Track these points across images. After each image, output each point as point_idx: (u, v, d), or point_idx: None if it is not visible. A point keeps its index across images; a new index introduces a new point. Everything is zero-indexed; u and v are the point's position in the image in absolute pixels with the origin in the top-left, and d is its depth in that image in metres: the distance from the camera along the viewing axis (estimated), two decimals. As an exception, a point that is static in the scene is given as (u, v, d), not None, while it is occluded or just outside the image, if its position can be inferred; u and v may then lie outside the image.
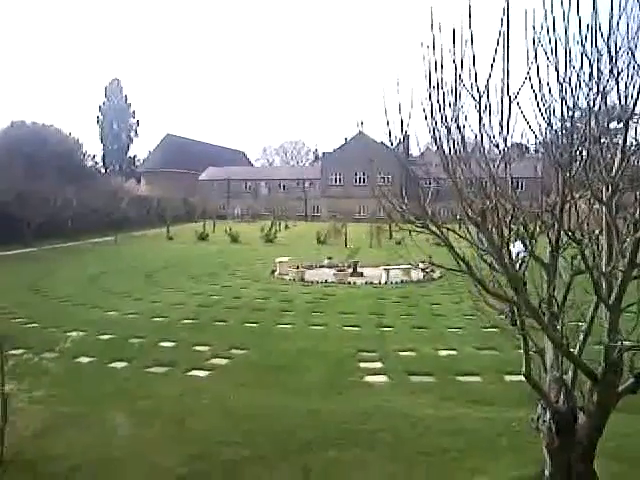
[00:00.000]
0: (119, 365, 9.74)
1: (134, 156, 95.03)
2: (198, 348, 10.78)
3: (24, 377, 6.07)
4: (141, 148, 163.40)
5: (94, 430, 6.81)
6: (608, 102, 3.85)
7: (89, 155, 65.20)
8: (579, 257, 4.09)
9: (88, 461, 6.00)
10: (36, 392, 6.03)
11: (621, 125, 3.89)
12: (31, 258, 28.62)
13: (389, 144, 4.10)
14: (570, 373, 4.39)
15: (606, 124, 3.98)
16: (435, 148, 4.04)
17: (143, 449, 6.31)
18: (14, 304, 15.20)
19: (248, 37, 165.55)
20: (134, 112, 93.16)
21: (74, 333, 10.63)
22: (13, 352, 7.28)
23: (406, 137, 4.14)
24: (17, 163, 37.37)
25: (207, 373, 9.35)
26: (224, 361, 10.00)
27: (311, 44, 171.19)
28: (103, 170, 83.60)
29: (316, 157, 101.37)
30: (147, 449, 6.31)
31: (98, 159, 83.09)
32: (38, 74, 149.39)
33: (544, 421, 4.46)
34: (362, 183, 68.03)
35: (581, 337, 4.30)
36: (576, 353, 4.23)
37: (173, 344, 11.14)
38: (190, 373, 9.31)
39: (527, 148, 5.50)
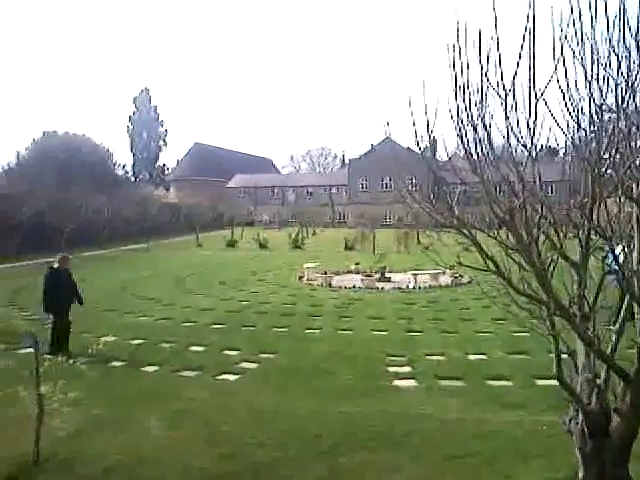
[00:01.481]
0: (150, 369, 9.87)
1: (163, 164, 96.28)
2: (227, 352, 10.87)
3: (59, 379, 6.21)
4: (170, 157, 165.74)
5: (127, 432, 6.92)
6: (638, 101, 3.81)
7: (119, 164, 66.42)
8: (610, 256, 4.04)
9: (122, 462, 6.10)
10: (70, 394, 6.16)
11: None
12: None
13: (416, 148, 4.10)
14: (602, 374, 4.33)
15: (637, 125, 3.92)
16: (462, 150, 4.04)
17: (175, 450, 6.40)
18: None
19: (275, 44, 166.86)
20: (163, 121, 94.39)
21: (106, 338, 10.84)
22: (48, 356, 7.46)
23: (433, 141, 4.14)
24: (50, 172, 38.34)
25: (236, 377, 9.42)
26: (253, 365, 10.07)
27: (337, 50, 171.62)
28: (133, 179, 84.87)
29: (343, 163, 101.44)
30: (179, 450, 6.40)
31: (128, 168, 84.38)
32: (70, 85, 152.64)
33: (577, 423, 4.40)
34: (389, 189, 67.80)
35: (613, 337, 4.24)
36: (608, 354, 4.17)
37: (203, 348, 11.26)
38: (220, 377, 9.39)
39: (556, 151, 5.46)
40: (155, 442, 6.61)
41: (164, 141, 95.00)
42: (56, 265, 11.79)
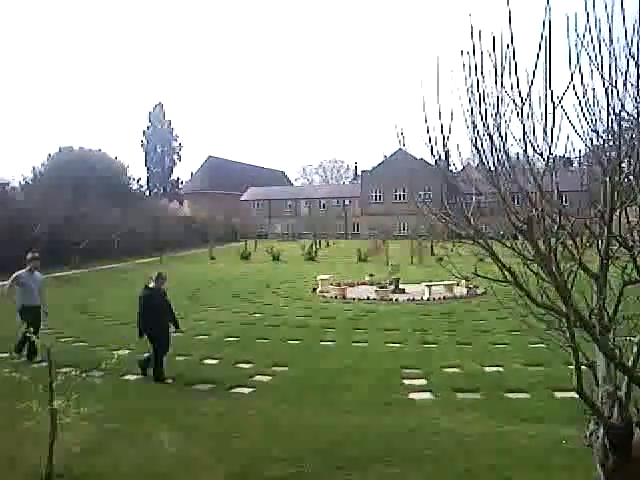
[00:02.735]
0: (164, 383, 9.83)
1: (177, 178, 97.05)
2: (241, 365, 10.82)
3: (72, 394, 6.18)
4: (184, 170, 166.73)
5: (140, 446, 6.87)
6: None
7: (134, 178, 66.82)
8: (630, 266, 3.95)
9: (135, 477, 6.06)
10: (84, 408, 6.12)
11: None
12: (78, 279, 29.31)
13: (430, 158, 4.05)
14: (624, 387, 4.22)
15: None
16: (477, 159, 3.98)
17: (189, 465, 6.34)
18: (62, 324, 15.55)
19: (288, 57, 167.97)
20: (177, 136, 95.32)
21: (120, 351, 10.82)
22: (62, 370, 7.45)
23: (447, 152, 4.09)
24: (65, 187, 38.63)
25: (250, 390, 9.36)
26: (267, 378, 10.01)
27: (351, 62, 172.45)
28: (148, 193, 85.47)
29: (355, 175, 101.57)
30: (193, 465, 6.34)
31: (143, 182, 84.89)
32: (86, 100, 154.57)
33: (597, 437, 4.28)
34: (402, 200, 67.78)
35: (635, 349, 4.14)
36: (630, 365, 4.07)
37: (217, 361, 11.21)
38: (233, 390, 9.33)
39: (570, 161, 5.38)
40: (168, 457, 6.56)
41: (178, 155, 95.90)
42: (152, 284, 10.72)
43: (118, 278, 29.81)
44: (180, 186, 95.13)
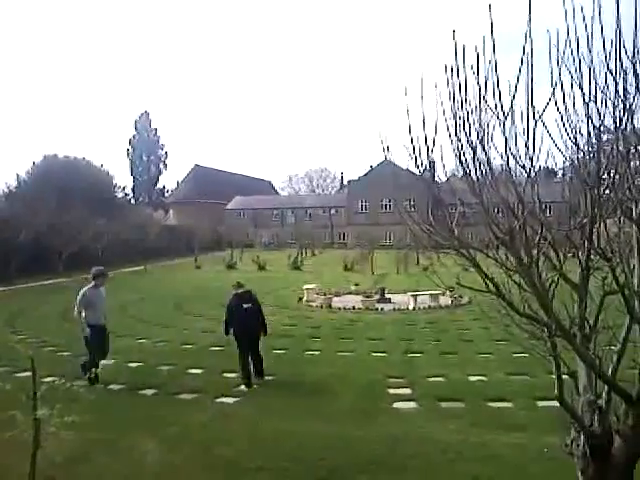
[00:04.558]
0: (149, 392, 9.80)
1: (163, 187, 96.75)
2: (226, 375, 10.79)
3: (56, 403, 6.14)
4: (170, 179, 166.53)
5: (124, 456, 6.84)
6: (636, 122, 3.83)
7: (119, 187, 66.54)
8: (610, 277, 4.03)
9: (118, 487, 6.02)
10: (68, 418, 6.08)
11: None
12: (63, 288, 29.04)
13: (415, 170, 4.11)
14: (604, 395, 4.29)
15: (635, 146, 3.94)
16: (461, 171, 4.05)
17: (173, 475, 6.32)
18: (46, 332, 15.44)
19: (272, 66, 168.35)
20: (163, 144, 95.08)
21: (105, 361, 10.76)
22: (46, 379, 7.39)
23: (432, 162, 4.15)
24: (50, 196, 38.31)
25: (235, 399, 9.35)
26: (252, 387, 9.99)
27: (337, 72, 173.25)
28: (133, 201, 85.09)
29: (342, 184, 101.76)
30: (177, 475, 6.33)
31: (128, 190, 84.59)
32: (71, 109, 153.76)
33: (578, 445, 4.34)
34: (388, 210, 67.96)
35: (614, 358, 4.21)
36: (610, 375, 4.14)
37: (201, 371, 11.18)
38: (218, 399, 9.31)
39: (555, 172, 5.47)
40: (153, 467, 6.54)
41: (164, 164, 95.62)
42: (240, 290, 10.84)
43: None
44: (166, 195, 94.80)
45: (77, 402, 7.57)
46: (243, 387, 9.99)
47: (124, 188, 70.66)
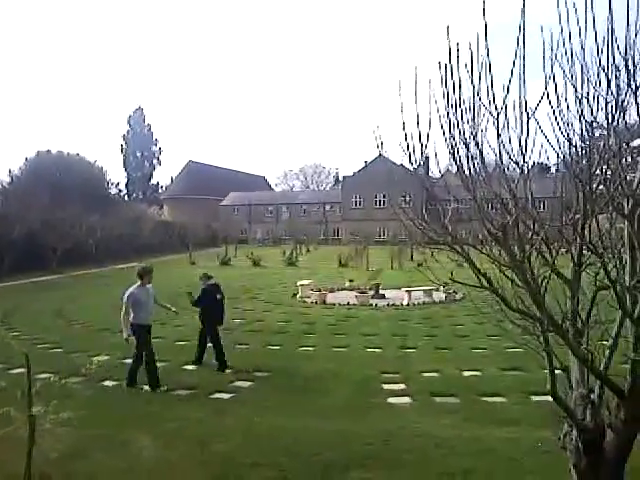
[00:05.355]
0: (144, 388, 9.79)
1: (157, 183, 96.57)
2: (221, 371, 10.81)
3: (51, 400, 6.14)
4: (164, 175, 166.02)
5: (120, 452, 6.85)
6: (628, 119, 3.85)
7: (113, 183, 66.46)
8: (602, 272, 4.06)
9: (114, 483, 6.03)
10: (63, 414, 6.08)
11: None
12: (56, 284, 29.00)
13: (409, 166, 4.12)
14: (596, 390, 4.33)
15: (626, 141, 3.97)
16: (454, 167, 4.06)
17: (169, 471, 6.33)
18: (40, 329, 15.41)
19: (268, 62, 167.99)
20: (157, 140, 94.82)
21: (99, 357, 10.74)
22: (40, 376, 7.39)
23: (426, 158, 4.17)
24: (43, 191, 38.21)
25: (230, 395, 9.36)
26: (247, 383, 10.02)
27: (332, 67, 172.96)
28: (127, 197, 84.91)
29: (336, 180, 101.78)
30: (172, 471, 6.33)
31: (122, 186, 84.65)
32: (64, 104, 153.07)
33: (571, 439, 4.38)
34: (383, 205, 68.04)
35: (606, 353, 4.25)
36: (602, 369, 4.17)
37: (197, 367, 11.19)
38: (213, 396, 9.33)
39: (548, 167, 5.49)
40: (148, 463, 6.55)
41: (158, 159, 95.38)
42: (212, 281, 12.11)
43: (96, 283, 29.55)
44: (160, 191, 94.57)
45: (72, 398, 7.59)
46: (193, 366, 10.83)
47: (118, 184, 70.81)
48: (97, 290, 26.18)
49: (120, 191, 75.70)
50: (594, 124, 3.90)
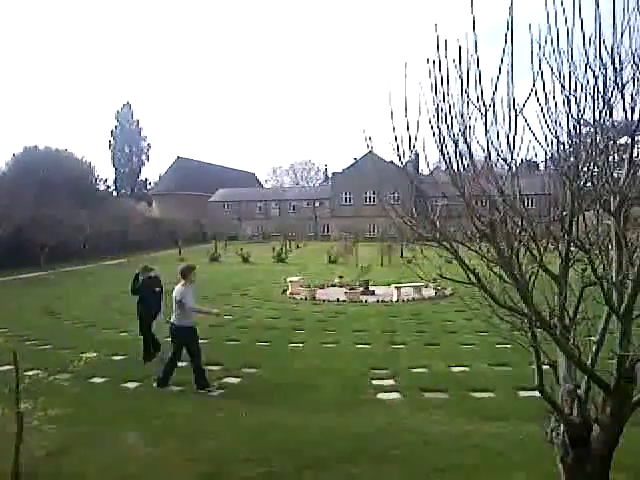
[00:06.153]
0: (132, 385, 9.77)
1: (145, 179, 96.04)
2: (210, 367, 10.77)
3: (39, 396, 6.11)
4: (152, 171, 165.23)
5: (109, 449, 6.83)
6: (615, 116, 3.88)
7: (101, 179, 66.03)
8: (589, 269, 4.09)
9: (103, 480, 6.01)
10: (51, 411, 6.06)
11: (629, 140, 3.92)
12: (44, 281, 28.83)
13: (398, 163, 4.14)
14: (583, 385, 4.37)
15: (613, 139, 4.00)
16: (443, 164, 4.08)
17: (158, 467, 6.32)
18: (27, 326, 15.33)
19: (258, 58, 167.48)
20: (145, 136, 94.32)
21: (87, 354, 10.70)
22: (28, 373, 7.35)
23: (415, 155, 4.18)
24: (30, 187, 37.90)
25: (219, 392, 9.36)
26: (236, 380, 10.02)
27: (321, 64, 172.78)
28: (115, 193, 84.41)
29: (326, 177, 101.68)
30: (162, 467, 6.32)
31: (110, 182, 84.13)
32: (52, 100, 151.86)
33: (558, 434, 4.42)
34: (372, 202, 68.10)
35: (593, 348, 4.29)
36: (589, 365, 4.22)
37: (185, 364, 11.14)
38: (203, 392, 9.31)
39: (537, 165, 5.53)
40: (137, 459, 6.53)
41: (146, 155, 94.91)
42: (152, 274, 12.38)
43: (85, 280, 29.41)
44: (148, 187, 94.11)
45: (60, 395, 7.59)
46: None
47: (106, 180, 70.26)
48: (85, 287, 26.06)
49: (108, 187, 75.33)
50: (581, 121, 3.93)
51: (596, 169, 3.95)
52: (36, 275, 30.98)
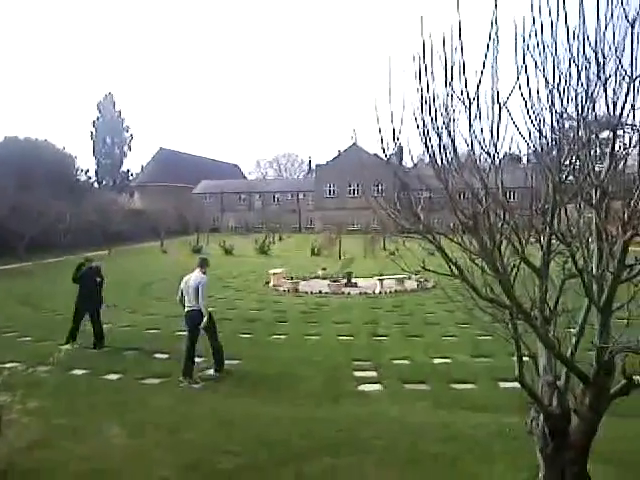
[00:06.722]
0: (113, 377, 9.72)
1: (127, 170, 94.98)
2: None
3: (17, 389, 6.04)
4: (134, 162, 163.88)
5: (89, 441, 6.77)
6: (597, 110, 3.91)
7: (82, 170, 65.22)
8: (570, 261, 4.13)
9: (83, 472, 5.96)
10: (30, 404, 6.00)
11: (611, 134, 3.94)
12: (24, 272, 28.50)
13: (382, 155, 4.13)
14: (563, 376, 4.42)
15: (595, 133, 4.03)
16: (427, 157, 4.08)
17: (139, 459, 6.28)
18: (7, 318, 15.16)
19: (241, 49, 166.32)
20: (127, 127, 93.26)
21: (67, 346, 10.61)
22: (7, 365, 7.27)
23: (399, 148, 4.18)
24: (10, 178, 37.33)
25: (201, 384, 9.33)
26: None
27: (304, 56, 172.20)
28: (96, 184, 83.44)
29: (310, 169, 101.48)
30: (142, 460, 6.28)
31: (92, 173, 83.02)
32: (32, 89, 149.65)
33: (537, 424, 4.47)
34: (356, 194, 68.16)
35: (573, 340, 4.34)
36: (568, 356, 4.26)
37: (167, 355, 11.11)
38: (184, 384, 9.28)
39: (520, 158, 5.55)
40: (118, 451, 6.48)
41: (129, 146, 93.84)
42: (94, 264, 13.04)
43: (65, 271, 29.07)
44: (130, 178, 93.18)
45: (40, 387, 7.50)
46: (68, 346, 8.93)
47: (87, 171, 69.41)
48: (66, 278, 25.72)
49: (90, 178, 74.43)
50: (564, 115, 3.95)
51: (578, 163, 3.98)
52: (15, 266, 30.59)
